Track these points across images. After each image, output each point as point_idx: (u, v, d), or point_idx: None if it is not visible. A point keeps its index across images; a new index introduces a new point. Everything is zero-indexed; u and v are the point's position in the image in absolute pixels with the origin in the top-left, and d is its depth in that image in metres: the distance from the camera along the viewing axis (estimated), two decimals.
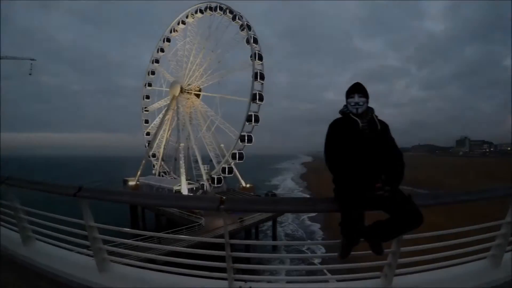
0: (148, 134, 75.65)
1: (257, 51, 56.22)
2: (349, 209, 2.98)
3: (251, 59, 55.92)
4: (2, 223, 6.40)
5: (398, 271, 3.55)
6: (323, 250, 36.16)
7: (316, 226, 53.79)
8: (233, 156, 56.17)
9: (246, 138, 55.60)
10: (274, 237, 45.64)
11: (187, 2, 68.04)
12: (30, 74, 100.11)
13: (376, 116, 3.16)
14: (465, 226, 3.91)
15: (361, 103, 3.10)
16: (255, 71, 55.14)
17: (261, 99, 55.29)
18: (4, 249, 5.78)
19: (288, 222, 56.91)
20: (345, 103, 3.23)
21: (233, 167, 57.33)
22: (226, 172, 56.83)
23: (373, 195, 2.96)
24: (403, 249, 3.40)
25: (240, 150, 56.44)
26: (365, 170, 2.98)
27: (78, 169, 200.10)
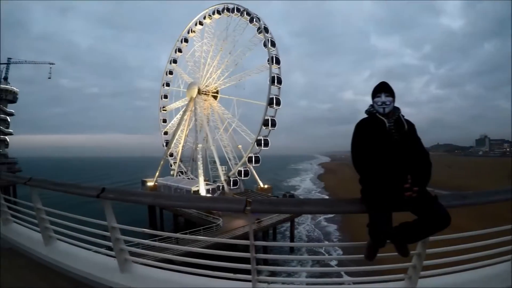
0: (166, 133, 76.57)
1: (274, 55, 56.01)
2: (377, 211, 2.93)
3: (268, 63, 55.74)
4: (24, 223, 6.51)
5: (422, 273, 3.49)
6: (340, 252, 36.10)
7: (332, 227, 53.47)
8: (249, 160, 56.48)
9: (262, 142, 55.69)
10: (292, 238, 45.41)
11: (204, 3, 68.33)
12: (49, 78, 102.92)
13: (403, 116, 3.11)
14: (487, 227, 3.82)
15: (388, 103, 3.05)
16: (272, 75, 54.85)
17: (278, 103, 55.15)
18: (26, 249, 5.89)
19: (307, 223, 56.68)
20: (371, 102, 3.18)
21: (251, 168, 57.60)
22: (242, 175, 57.05)
23: (401, 196, 2.89)
24: (428, 250, 3.33)
25: (256, 154, 56.65)
26: (393, 171, 2.92)
27: (98, 170, 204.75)
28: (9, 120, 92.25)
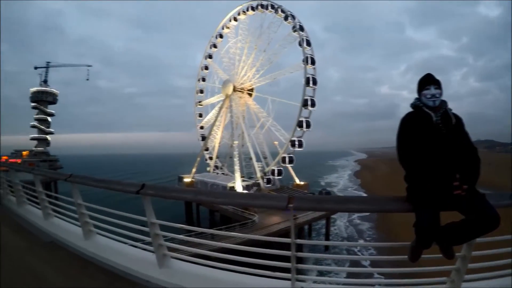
0: (201, 127, 77.65)
1: (309, 55, 55.14)
2: (424, 210, 2.78)
3: (303, 63, 54.91)
4: (65, 217, 6.70)
5: (466, 276, 3.34)
6: (372, 251, 35.52)
7: (364, 225, 52.46)
8: (283, 160, 56.43)
9: (296, 143, 55.44)
10: (327, 236, 44.63)
11: (239, 2, 68.27)
12: (87, 80, 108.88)
13: (450, 109, 2.96)
14: None
15: (437, 95, 2.91)
16: (307, 76, 54.14)
17: (313, 105, 54.55)
18: (66, 243, 6.08)
19: (343, 221, 55.74)
20: (415, 96, 3.05)
21: (287, 165, 57.21)
22: (276, 174, 56.93)
23: (449, 194, 2.75)
24: (473, 253, 3.16)
25: (290, 154, 56.47)
26: (441, 168, 2.78)
27: (136, 166, 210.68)
28: (49, 120, 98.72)
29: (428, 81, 2.97)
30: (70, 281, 4.63)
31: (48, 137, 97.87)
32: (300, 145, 55.62)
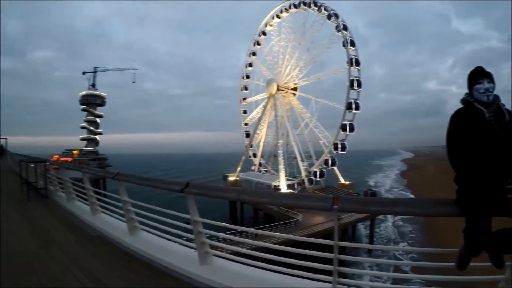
0: (246, 124, 77.76)
1: (353, 56, 53.75)
2: (476, 215, 2.56)
3: (347, 65, 53.72)
4: (111, 213, 6.94)
5: None
6: (413, 256, 33.83)
7: (407, 227, 50.52)
8: (326, 163, 55.68)
9: (339, 146, 54.62)
10: (371, 238, 43.42)
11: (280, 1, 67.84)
12: (133, 82, 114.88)
13: (503, 105, 2.73)
14: None
15: (491, 89, 2.70)
16: (351, 78, 52.92)
17: (357, 108, 53.25)
18: (112, 237, 6.32)
19: (386, 223, 54.00)
20: (466, 91, 2.83)
21: (335, 158, 56.29)
22: (318, 176, 56.15)
23: (503, 198, 2.50)
24: None
25: (332, 157, 55.57)
26: (494, 169, 2.56)
27: (181, 165, 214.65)
28: (98, 121, 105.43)
29: (480, 75, 2.78)
30: (114, 274, 4.79)
31: (97, 137, 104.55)
32: (343, 148, 54.72)
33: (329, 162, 55.34)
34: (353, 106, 52.73)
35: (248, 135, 75.54)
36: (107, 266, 5.13)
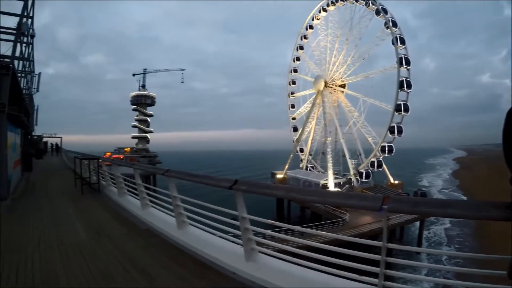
0: (293, 119, 77.09)
1: (403, 55, 51.78)
2: None
3: (397, 64, 51.77)
4: (160, 208, 7.22)
5: None
6: (458, 261, 31.87)
7: (454, 231, 48.06)
8: (372, 165, 54.50)
9: (387, 149, 53.12)
10: (420, 240, 41.36)
11: None
12: (182, 82, 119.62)
13: None
14: None
15: None
16: (401, 79, 51.19)
17: (406, 110, 51.44)
18: (160, 231, 6.60)
19: (436, 225, 51.42)
20: None
21: (381, 160, 54.96)
22: (364, 177, 54.95)
23: None
24: None
25: (379, 159, 54.28)
26: None
27: (230, 162, 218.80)
28: (149, 120, 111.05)
29: None
30: (161, 267, 5.00)
31: (148, 135, 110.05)
32: (390, 151, 53.24)
33: (376, 164, 54.07)
34: (402, 108, 51.06)
35: (295, 129, 75.00)
36: (154, 258, 5.36)
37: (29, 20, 16.14)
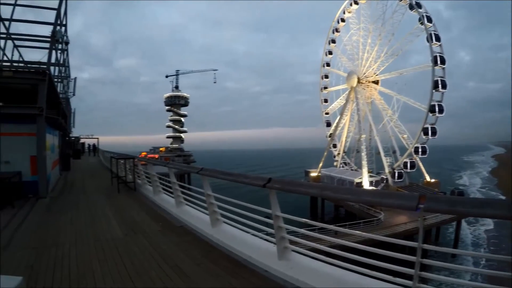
0: (327, 114, 76.08)
1: (438, 54, 49.71)
2: None
3: (431, 63, 49.81)
4: (194, 206, 7.40)
5: None
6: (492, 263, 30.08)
7: (490, 232, 45.57)
8: (405, 165, 53.21)
9: (420, 150, 51.67)
10: (456, 241, 39.80)
11: None
12: (214, 82, 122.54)
13: None
14: None
15: None
16: (435, 79, 49.34)
17: (440, 110, 49.64)
18: (194, 228, 6.80)
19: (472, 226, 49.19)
20: None
21: (417, 160, 53.49)
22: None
23: None
24: None
25: (412, 160, 52.88)
26: None
27: (263, 161, 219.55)
28: (183, 120, 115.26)
29: None
30: (194, 263, 5.14)
31: (182, 135, 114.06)
32: (424, 152, 51.67)
33: (409, 165, 52.69)
34: (437, 109, 49.39)
35: (328, 124, 74.22)
36: (188, 255, 5.51)
37: (63, 28, 17.01)
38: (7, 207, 10.14)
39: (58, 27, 14.31)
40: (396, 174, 53.66)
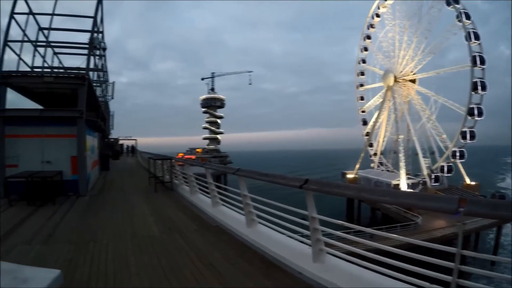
0: (363, 112, 74.38)
1: (477, 53, 47.31)
2: None
3: (470, 64, 47.54)
4: (230, 206, 7.55)
5: None
6: None
7: None
8: (441, 169, 51.45)
9: (458, 154, 49.91)
10: (496, 248, 37.73)
11: None
12: (250, 84, 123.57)
13: None
14: None
15: None
16: (474, 80, 47.09)
17: (480, 113, 47.39)
18: (230, 228, 6.96)
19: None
20: None
21: (456, 162, 51.62)
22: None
23: None
24: None
25: (449, 163, 51.13)
26: None
27: (298, 162, 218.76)
28: (219, 122, 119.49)
29: None
30: (228, 262, 5.24)
31: (219, 136, 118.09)
32: (462, 156, 49.84)
33: (446, 169, 50.87)
34: (476, 112, 47.17)
35: (365, 123, 72.43)
36: (222, 254, 5.63)
37: (100, 35, 17.85)
38: (48, 204, 10.74)
39: (95, 34, 14.91)
40: (433, 178, 51.92)
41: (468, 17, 48.94)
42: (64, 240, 6.79)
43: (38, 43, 15.77)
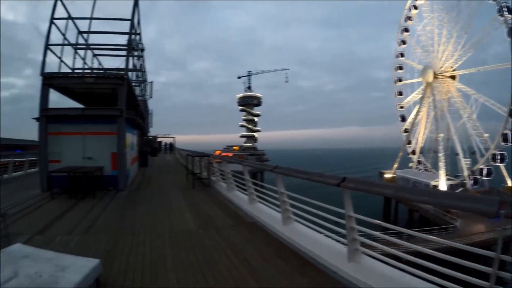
0: (401, 107, 71.58)
1: None
2: None
3: None
4: (267, 203, 7.69)
5: None
6: None
7: None
8: (480, 172, 48.52)
9: (498, 157, 46.60)
10: None
11: None
12: (286, 82, 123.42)
13: None
14: None
15: None
16: None
17: None
18: (266, 225, 7.15)
19: None
20: None
21: (491, 168, 48.57)
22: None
23: None
24: None
25: (488, 166, 48.06)
26: None
27: (336, 160, 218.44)
28: (256, 120, 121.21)
29: None
30: (263, 259, 5.33)
31: (256, 134, 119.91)
32: (502, 160, 46.43)
33: (485, 172, 47.90)
34: None
35: (403, 119, 69.61)
36: (258, 251, 5.74)
37: (137, 36, 18.59)
38: (89, 198, 11.33)
39: (132, 36, 15.43)
40: (472, 180, 49.51)
41: (510, 11, 45.29)
42: (103, 232, 7.12)
43: (78, 46, 16.67)
